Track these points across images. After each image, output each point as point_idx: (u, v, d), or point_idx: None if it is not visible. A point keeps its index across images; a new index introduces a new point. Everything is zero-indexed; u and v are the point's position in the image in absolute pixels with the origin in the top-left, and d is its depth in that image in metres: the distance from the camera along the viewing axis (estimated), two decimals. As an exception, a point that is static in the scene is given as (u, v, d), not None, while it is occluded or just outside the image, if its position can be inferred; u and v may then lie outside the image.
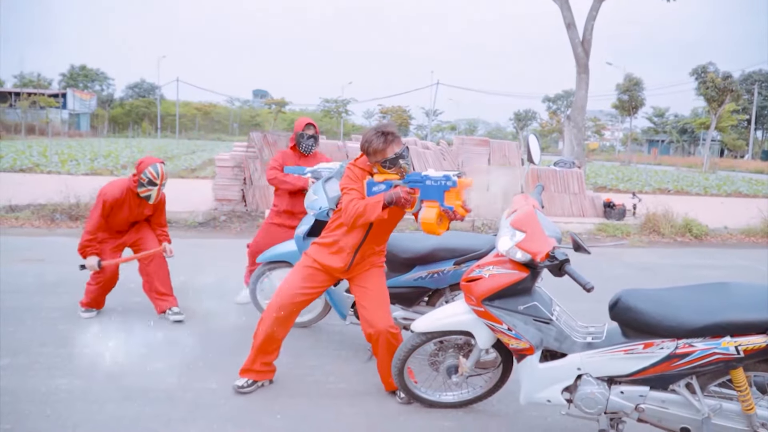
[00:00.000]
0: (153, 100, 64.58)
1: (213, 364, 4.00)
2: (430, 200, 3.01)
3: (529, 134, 3.51)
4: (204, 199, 10.87)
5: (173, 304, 4.86)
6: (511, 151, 10.69)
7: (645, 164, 34.79)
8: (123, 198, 4.62)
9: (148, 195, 4.61)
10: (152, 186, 4.58)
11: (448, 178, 2.95)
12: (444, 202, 2.97)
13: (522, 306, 2.89)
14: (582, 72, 15.43)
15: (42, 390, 3.48)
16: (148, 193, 4.60)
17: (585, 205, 11.26)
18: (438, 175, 2.99)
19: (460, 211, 2.99)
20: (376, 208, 3.10)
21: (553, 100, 71.28)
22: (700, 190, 18.64)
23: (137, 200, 4.70)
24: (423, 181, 3.02)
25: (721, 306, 2.59)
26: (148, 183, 4.56)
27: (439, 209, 2.98)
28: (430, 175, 3.02)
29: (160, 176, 4.58)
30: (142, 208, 4.77)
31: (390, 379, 3.46)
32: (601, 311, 3.00)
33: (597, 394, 2.79)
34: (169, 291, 4.90)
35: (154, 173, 4.55)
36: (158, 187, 4.61)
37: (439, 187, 2.98)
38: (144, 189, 4.58)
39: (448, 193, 2.96)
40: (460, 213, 2.99)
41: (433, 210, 2.99)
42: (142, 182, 4.56)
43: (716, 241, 10.16)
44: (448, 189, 2.96)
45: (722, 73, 37.01)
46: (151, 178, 4.55)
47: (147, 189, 4.58)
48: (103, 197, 4.57)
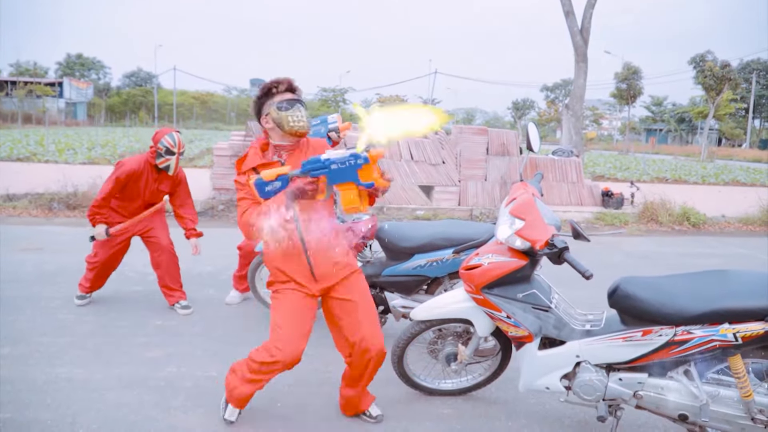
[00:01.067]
0: (150, 89, 64.33)
1: (213, 353, 4.01)
2: (344, 183, 2.68)
3: (528, 122, 3.50)
4: (202, 188, 10.83)
5: (181, 298, 4.86)
6: (509, 139, 10.68)
7: (643, 153, 34.82)
8: (141, 170, 4.54)
9: (167, 165, 4.54)
10: (170, 155, 4.51)
11: (357, 156, 2.61)
12: (360, 181, 2.64)
13: (521, 294, 2.90)
14: (580, 61, 15.39)
15: (42, 379, 3.49)
16: (167, 164, 4.53)
17: (583, 194, 11.26)
18: (343, 155, 2.66)
19: (382, 183, 2.66)
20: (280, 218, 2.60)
21: (551, 89, 71.17)
22: (697, 179, 18.65)
23: (155, 175, 4.62)
24: (327, 165, 2.66)
25: (719, 293, 2.60)
26: (165, 152, 4.49)
27: (358, 188, 2.67)
28: (332, 157, 2.67)
29: (177, 144, 4.52)
30: (159, 184, 4.68)
31: (360, 402, 3.16)
32: (599, 299, 3.01)
33: (595, 381, 2.80)
34: (178, 286, 4.89)
35: (171, 142, 4.49)
36: (176, 156, 4.55)
37: (349, 168, 2.66)
38: (162, 159, 4.51)
39: (362, 171, 2.63)
40: (382, 185, 2.66)
41: (352, 192, 2.68)
42: (159, 152, 4.49)
43: (714, 229, 10.18)
44: (361, 167, 2.64)
45: (720, 61, 36.95)
46: (168, 147, 4.48)
47: (165, 159, 4.51)
48: (120, 167, 4.50)
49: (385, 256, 4.14)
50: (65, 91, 56.49)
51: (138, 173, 4.52)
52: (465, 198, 10.48)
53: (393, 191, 10.18)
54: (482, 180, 10.55)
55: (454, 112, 74.43)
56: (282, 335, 2.79)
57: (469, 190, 10.48)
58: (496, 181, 10.57)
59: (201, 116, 64.76)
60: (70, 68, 69.72)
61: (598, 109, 64.25)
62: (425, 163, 10.28)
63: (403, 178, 10.23)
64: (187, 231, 4.87)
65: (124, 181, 4.49)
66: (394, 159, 10.20)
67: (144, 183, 4.59)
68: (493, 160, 10.57)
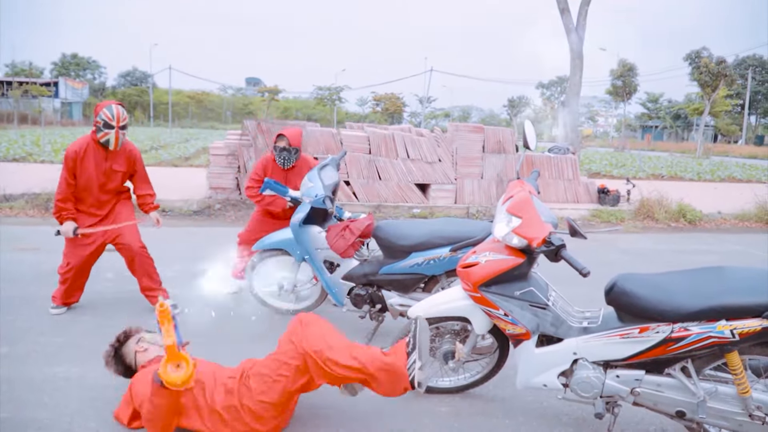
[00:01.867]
0: (145, 89, 64.08)
1: (209, 351, 3.99)
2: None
3: (525, 120, 3.51)
4: (198, 187, 10.84)
5: (163, 296, 4.74)
6: (505, 137, 10.69)
7: (639, 150, 34.85)
8: (85, 150, 4.33)
9: (107, 139, 4.29)
10: (109, 129, 4.25)
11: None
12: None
13: (518, 291, 2.90)
14: (576, 57, 15.41)
15: (40, 378, 3.49)
16: (106, 138, 4.28)
17: (579, 191, 11.29)
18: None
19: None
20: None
21: (547, 86, 71.16)
22: (693, 176, 18.69)
23: (103, 152, 4.39)
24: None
25: (716, 290, 2.60)
26: (104, 126, 4.24)
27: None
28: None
29: (116, 117, 4.25)
30: (112, 162, 4.45)
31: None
32: (596, 296, 3.01)
33: (593, 378, 2.81)
34: (157, 284, 4.79)
35: (109, 114, 4.22)
36: (116, 130, 4.27)
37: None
38: (102, 133, 4.27)
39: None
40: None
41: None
42: (98, 126, 4.26)
43: (710, 226, 10.21)
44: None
45: (716, 58, 36.98)
46: (106, 120, 4.22)
47: (104, 133, 4.26)
48: (66, 152, 4.35)
49: (382, 255, 4.14)
50: (61, 91, 56.27)
51: (83, 153, 4.33)
52: (461, 196, 10.49)
53: (389, 189, 10.19)
54: (478, 178, 10.56)
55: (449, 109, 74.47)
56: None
57: (466, 187, 10.49)
58: (492, 179, 10.58)
59: (197, 115, 64.55)
60: (65, 68, 69.45)
61: (593, 106, 64.35)
62: (421, 161, 10.29)
63: (399, 176, 10.24)
64: (145, 206, 4.80)
65: (71, 164, 4.30)
66: (391, 157, 10.20)
67: (94, 163, 4.38)
68: (490, 158, 10.58)
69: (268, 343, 4.16)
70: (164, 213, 9.42)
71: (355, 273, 4.17)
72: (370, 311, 4.20)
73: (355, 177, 10.09)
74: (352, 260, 4.22)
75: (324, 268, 4.28)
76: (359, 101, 73.29)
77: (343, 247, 4.10)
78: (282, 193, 4.63)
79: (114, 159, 4.46)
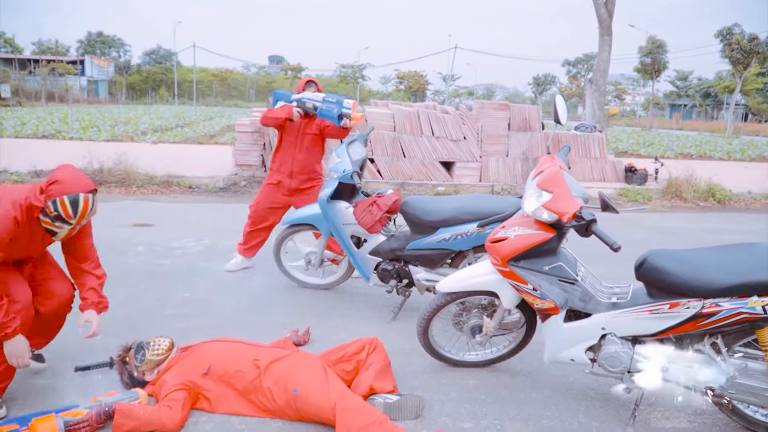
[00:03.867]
0: (170, 67, 64.45)
1: (240, 323, 4.08)
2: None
3: (556, 95, 3.48)
4: (224, 164, 10.94)
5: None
6: (531, 115, 10.58)
7: (667, 129, 34.24)
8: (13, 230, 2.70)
9: (52, 230, 2.82)
10: (62, 223, 2.77)
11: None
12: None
13: (547, 266, 2.90)
14: (605, 34, 15.13)
15: (76, 347, 3.58)
16: (51, 228, 2.80)
17: (606, 170, 11.16)
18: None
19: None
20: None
21: (573, 63, 69.98)
22: (723, 155, 18.34)
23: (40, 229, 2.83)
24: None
25: (748, 266, 2.58)
26: (55, 217, 2.74)
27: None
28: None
29: (79, 214, 2.75)
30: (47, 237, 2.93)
31: None
32: (621, 275, 3.00)
33: (621, 354, 2.81)
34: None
35: (68, 210, 2.71)
36: (72, 228, 2.83)
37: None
38: (47, 221, 2.77)
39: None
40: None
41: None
42: (46, 212, 2.73)
43: (740, 205, 10.05)
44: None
45: (748, 34, 36.03)
46: (62, 214, 2.72)
47: (51, 223, 2.77)
48: None
49: (409, 230, 4.16)
50: (87, 69, 56.88)
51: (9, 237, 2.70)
52: (486, 174, 10.44)
53: (414, 167, 10.17)
54: (503, 156, 10.49)
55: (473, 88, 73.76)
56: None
57: (491, 166, 10.44)
58: (517, 157, 10.51)
59: (220, 93, 64.89)
60: (91, 46, 70.06)
61: (621, 84, 63.24)
62: (446, 139, 10.24)
63: (424, 153, 10.21)
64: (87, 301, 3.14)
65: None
66: (415, 135, 10.17)
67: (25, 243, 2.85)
68: (515, 136, 10.50)
69: (296, 317, 4.24)
70: (191, 189, 9.54)
71: (382, 248, 4.20)
72: (397, 286, 4.23)
73: (380, 154, 10.09)
74: (379, 235, 4.24)
75: (351, 243, 4.32)
76: (382, 79, 72.92)
77: (370, 222, 4.12)
78: (287, 98, 4.78)
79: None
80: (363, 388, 2.97)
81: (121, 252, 5.57)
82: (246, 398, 2.92)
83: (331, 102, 4.66)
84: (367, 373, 3.04)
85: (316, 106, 4.69)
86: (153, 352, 3.08)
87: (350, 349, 3.14)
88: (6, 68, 46.55)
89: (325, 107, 4.68)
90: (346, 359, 3.11)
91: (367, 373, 3.04)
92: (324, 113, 4.69)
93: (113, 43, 73.27)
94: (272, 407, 2.86)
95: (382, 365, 3.10)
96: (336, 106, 4.64)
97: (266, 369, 2.93)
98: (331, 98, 4.68)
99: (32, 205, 2.76)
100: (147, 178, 9.51)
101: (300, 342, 3.68)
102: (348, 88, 60.74)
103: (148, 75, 66.04)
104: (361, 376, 3.04)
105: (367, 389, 2.96)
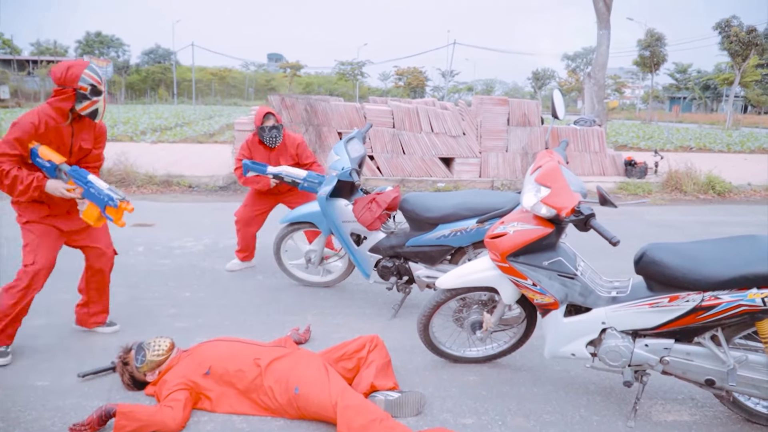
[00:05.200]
0: (168, 66, 64.39)
1: (241, 323, 4.08)
2: (92, 203, 3.27)
3: (554, 89, 3.48)
4: (224, 163, 10.94)
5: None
6: (530, 109, 10.57)
7: (666, 122, 34.20)
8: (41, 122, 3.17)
9: (95, 110, 3.24)
10: (97, 96, 3.20)
11: (111, 198, 3.20)
12: (105, 212, 3.25)
13: (547, 261, 2.90)
14: (603, 27, 15.10)
15: (78, 348, 3.59)
16: (94, 107, 3.22)
17: (606, 164, 11.15)
18: (102, 188, 3.23)
19: (119, 222, 3.24)
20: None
21: (572, 58, 69.89)
22: (723, 147, 18.31)
23: (69, 127, 3.28)
24: (86, 185, 3.24)
25: (748, 258, 2.58)
26: (91, 93, 3.16)
27: (100, 214, 3.28)
28: (94, 183, 3.24)
29: (102, 79, 3.22)
30: (80, 140, 3.37)
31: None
32: (620, 269, 3.00)
33: (621, 347, 2.81)
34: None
35: (95, 77, 3.16)
36: (103, 96, 3.25)
37: (100, 200, 3.24)
38: (87, 103, 3.18)
39: (109, 208, 3.23)
40: (118, 224, 3.25)
41: (95, 212, 3.29)
42: (83, 94, 3.14)
43: (740, 198, 10.05)
44: (109, 206, 3.22)
45: (746, 26, 35.94)
46: (95, 84, 3.16)
47: (92, 102, 3.19)
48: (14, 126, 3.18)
49: (408, 227, 4.16)
50: (85, 70, 56.76)
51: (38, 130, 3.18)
52: (486, 170, 10.44)
53: (413, 163, 10.17)
54: (503, 151, 10.48)
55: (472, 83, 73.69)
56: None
57: (490, 161, 10.43)
58: (517, 152, 10.50)
59: (219, 92, 64.82)
60: (89, 46, 69.95)
61: (620, 78, 63.12)
62: (445, 135, 10.24)
63: (423, 150, 10.21)
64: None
65: (25, 143, 3.17)
66: (415, 131, 10.16)
67: (58, 143, 3.28)
68: (514, 131, 10.49)
69: (297, 315, 4.25)
70: (190, 188, 9.54)
71: (382, 245, 4.21)
72: (397, 283, 4.24)
73: (379, 151, 10.08)
74: (379, 233, 4.24)
75: (351, 241, 4.32)
76: (381, 76, 72.84)
77: (369, 219, 4.12)
78: (261, 172, 4.72)
79: (81, 134, 3.39)
80: (364, 385, 2.98)
81: (122, 252, 5.54)
82: (247, 397, 2.93)
83: (313, 182, 4.65)
84: (368, 370, 3.05)
85: (296, 182, 4.69)
86: (153, 353, 3.08)
87: (351, 347, 3.14)
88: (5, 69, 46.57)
89: (307, 185, 4.69)
90: (347, 357, 3.11)
91: (368, 370, 3.04)
92: (307, 189, 4.71)
93: (112, 43, 73.15)
94: (273, 406, 2.86)
95: (383, 362, 3.11)
96: (318, 186, 4.56)
97: (267, 368, 2.93)
98: (313, 178, 4.65)
99: (57, 107, 3.19)
100: (147, 177, 9.52)
101: (301, 340, 3.69)
102: (347, 85, 60.70)
103: (146, 74, 65.92)
104: (362, 373, 3.05)
105: (368, 387, 2.97)
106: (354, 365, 3.10)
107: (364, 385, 2.98)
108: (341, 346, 3.18)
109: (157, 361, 3.08)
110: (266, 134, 4.80)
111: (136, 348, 3.13)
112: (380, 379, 3.02)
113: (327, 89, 58.18)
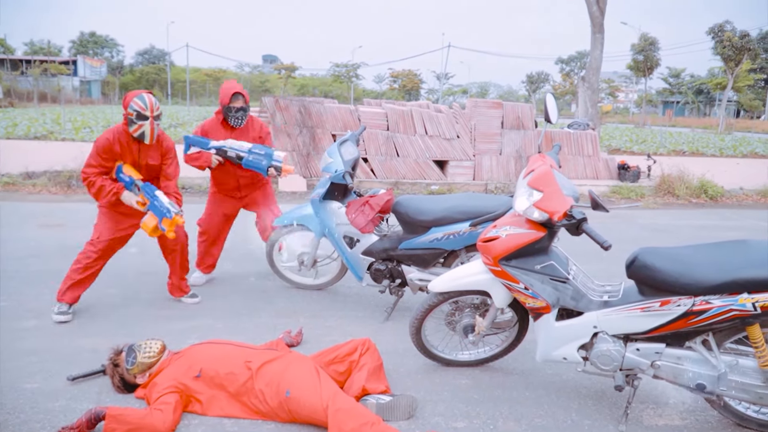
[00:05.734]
0: (163, 67, 64.25)
1: (234, 325, 4.07)
2: (153, 214, 3.92)
3: (546, 94, 3.48)
4: (217, 164, 10.89)
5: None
6: (524, 113, 10.60)
7: (660, 126, 34.35)
8: (114, 139, 3.89)
9: (142, 132, 3.86)
10: (142, 120, 3.81)
11: (169, 211, 3.87)
12: (161, 223, 3.90)
13: (539, 265, 2.91)
14: (597, 32, 15.17)
15: (68, 350, 3.57)
16: (140, 131, 3.85)
17: (599, 168, 11.19)
18: (164, 202, 3.89)
19: (170, 235, 3.92)
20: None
21: (567, 61, 70.15)
22: (715, 152, 18.42)
23: (136, 146, 3.99)
24: (152, 199, 3.92)
25: (738, 263, 2.59)
26: (137, 117, 3.80)
27: (156, 225, 3.92)
28: (159, 198, 3.91)
29: (149, 107, 3.80)
30: (147, 157, 4.05)
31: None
32: (613, 272, 3.01)
33: (613, 351, 2.82)
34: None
35: (141, 104, 3.78)
36: (150, 121, 3.83)
37: (160, 212, 3.89)
38: (135, 126, 3.83)
39: (165, 220, 3.88)
40: (169, 235, 3.92)
41: (153, 222, 3.92)
42: (130, 118, 3.82)
43: (732, 202, 10.09)
44: (165, 217, 3.87)
45: (739, 31, 36.22)
46: (139, 111, 3.78)
47: (138, 126, 3.83)
48: (96, 142, 3.92)
49: (401, 230, 4.16)
50: (79, 70, 56.69)
51: (113, 146, 3.91)
52: (480, 172, 10.45)
53: (407, 166, 10.17)
54: (497, 154, 10.51)
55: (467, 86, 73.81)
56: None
57: (484, 164, 10.45)
58: (511, 155, 10.53)
59: (214, 93, 64.64)
60: (83, 46, 69.81)
61: (614, 82, 63.39)
62: (439, 138, 10.25)
63: (417, 152, 10.22)
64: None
65: (103, 156, 3.91)
66: (409, 134, 10.17)
67: (129, 159, 4.01)
68: (508, 134, 10.52)
69: (289, 318, 4.23)
70: (184, 190, 9.51)
71: (375, 248, 4.20)
72: (390, 286, 4.23)
73: (373, 154, 10.08)
74: (372, 235, 4.24)
75: (344, 244, 4.32)
76: (376, 78, 72.96)
77: (362, 222, 4.11)
78: (204, 146, 4.51)
79: (147, 152, 4.05)
80: (356, 389, 2.97)
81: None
82: (238, 400, 2.92)
83: (258, 153, 4.48)
84: (359, 373, 3.04)
85: (241, 156, 4.48)
86: (144, 355, 3.07)
87: (343, 350, 3.13)
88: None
89: (251, 158, 4.48)
90: (338, 360, 3.10)
91: (360, 373, 3.03)
92: (250, 164, 4.50)
93: (106, 43, 73.02)
94: (264, 409, 2.85)
95: (375, 366, 3.10)
96: (265, 158, 4.49)
97: (258, 371, 2.92)
98: (259, 149, 4.49)
99: (120, 128, 3.95)
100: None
101: (293, 343, 3.68)
102: (342, 87, 60.69)
103: (141, 75, 65.72)
104: (354, 377, 3.04)
105: (360, 390, 2.96)
106: (346, 368, 3.09)
107: (355, 389, 2.97)
108: (333, 349, 3.17)
109: (147, 363, 3.06)
110: (232, 114, 4.57)
111: (127, 350, 3.11)
112: (372, 383, 3.02)
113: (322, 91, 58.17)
